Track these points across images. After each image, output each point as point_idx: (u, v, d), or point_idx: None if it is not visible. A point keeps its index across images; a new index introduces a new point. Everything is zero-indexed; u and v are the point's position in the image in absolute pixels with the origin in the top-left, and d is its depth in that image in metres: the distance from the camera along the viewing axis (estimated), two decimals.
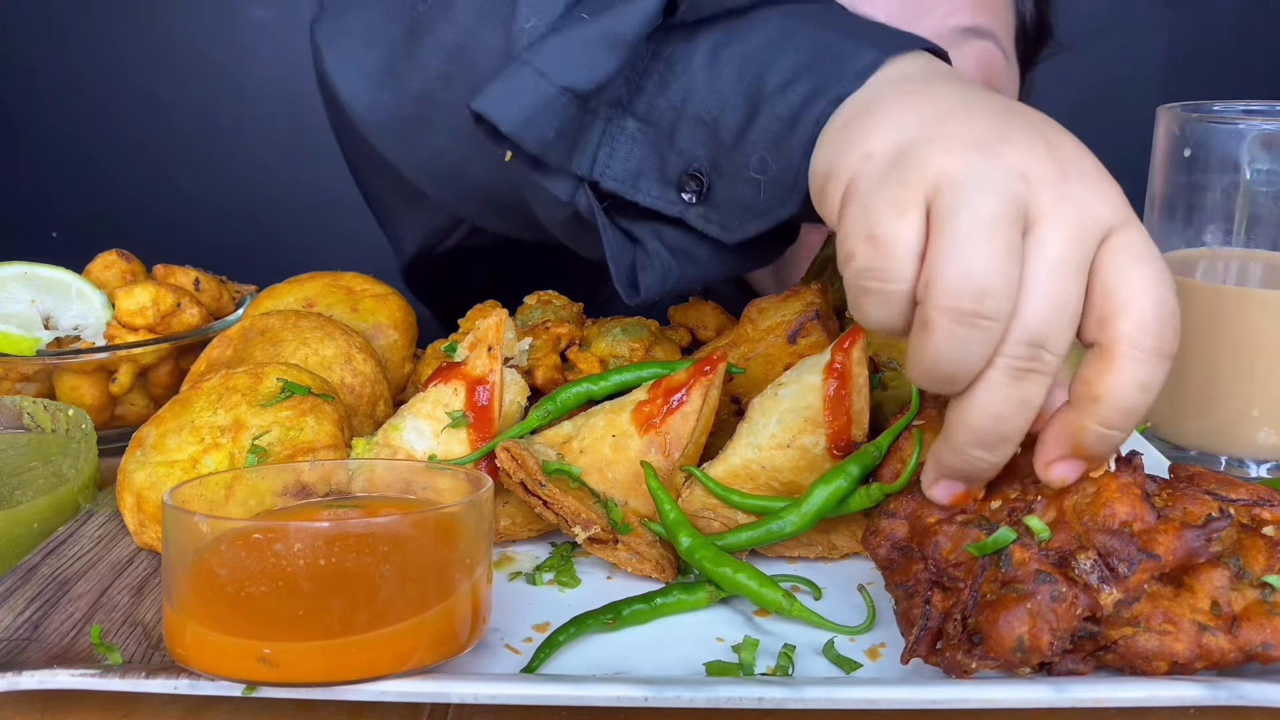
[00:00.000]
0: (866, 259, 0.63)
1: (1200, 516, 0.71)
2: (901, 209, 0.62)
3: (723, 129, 0.80)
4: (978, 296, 0.59)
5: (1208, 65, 2.36)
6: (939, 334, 0.60)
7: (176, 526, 0.65)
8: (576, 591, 0.81)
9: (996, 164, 0.61)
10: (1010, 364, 0.61)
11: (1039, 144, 0.63)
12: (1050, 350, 0.61)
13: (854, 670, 0.70)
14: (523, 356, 0.94)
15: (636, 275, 0.86)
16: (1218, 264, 1.05)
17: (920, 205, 0.62)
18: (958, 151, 0.62)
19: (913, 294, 0.62)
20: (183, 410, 0.87)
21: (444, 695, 0.64)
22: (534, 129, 0.80)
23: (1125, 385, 0.62)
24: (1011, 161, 0.62)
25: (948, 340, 0.60)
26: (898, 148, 0.64)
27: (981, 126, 0.64)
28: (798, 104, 0.75)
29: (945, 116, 0.65)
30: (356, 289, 1.09)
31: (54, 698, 0.69)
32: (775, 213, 0.79)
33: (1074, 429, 0.65)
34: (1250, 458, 1.03)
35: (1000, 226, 0.60)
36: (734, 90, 0.79)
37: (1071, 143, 0.65)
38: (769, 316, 0.93)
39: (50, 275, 1.12)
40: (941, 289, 0.60)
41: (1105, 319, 0.62)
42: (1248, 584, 0.67)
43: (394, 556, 0.64)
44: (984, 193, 0.60)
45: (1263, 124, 1.00)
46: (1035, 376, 0.62)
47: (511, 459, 0.81)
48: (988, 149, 0.62)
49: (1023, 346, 0.61)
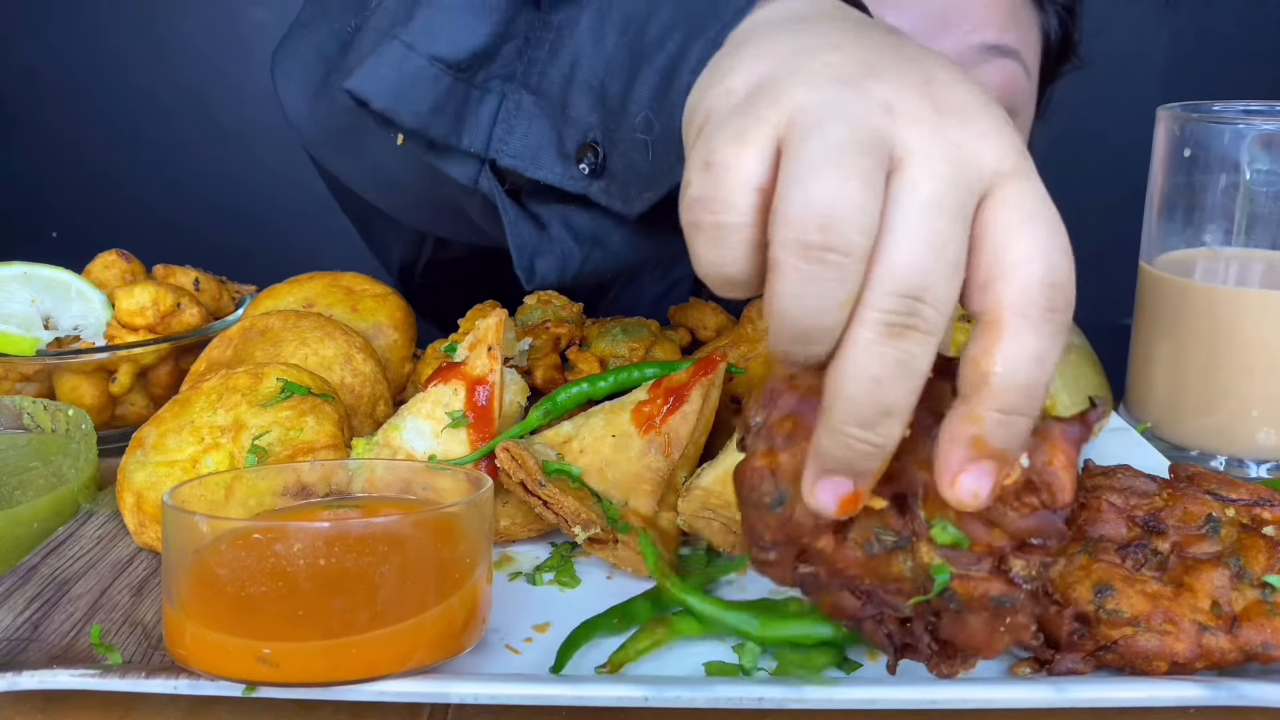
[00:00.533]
0: (698, 188, 0.55)
1: (1200, 516, 0.71)
2: (744, 138, 0.55)
3: (609, 92, 0.77)
4: (824, 226, 0.51)
5: (1208, 65, 2.35)
6: (785, 275, 0.52)
7: (176, 526, 0.65)
8: (576, 591, 0.81)
9: (857, 94, 0.55)
10: (880, 318, 0.52)
11: (915, 78, 0.56)
12: (929, 303, 0.52)
13: (854, 670, 0.70)
14: (523, 356, 0.94)
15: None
16: (1218, 264, 1.05)
17: (767, 138, 0.55)
18: (819, 85, 0.55)
19: (755, 235, 0.55)
20: (183, 410, 0.87)
21: (444, 695, 0.64)
22: (407, 103, 0.79)
23: (1018, 358, 0.53)
24: (876, 93, 0.55)
25: (795, 282, 0.52)
26: (758, 81, 0.58)
27: (853, 60, 0.57)
28: (675, 53, 0.72)
29: (815, 50, 0.58)
30: (356, 289, 1.09)
31: (54, 698, 0.69)
32: (667, 177, 0.74)
33: (969, 420, 0.54)
34: (1250, 458, 1.03)
35: (851, 153, 0.52)
36: (619, 50, 0.76)
37: (962, 83, 0.57)
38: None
39: (50, 275, 1.12)
40: (784, 221, 0.52)
41: (989, 284, 0.54)
42: (1248, 584, 0.67)
43: (394, 556, 0.64)
44: (836, 121, 0.53)
45: (1263, 124, 1.00)
46: (914, 335, 0.52)
47: (511, 459, 0.81)
48: (851, 81, 0.55)
49: (893, 298, 0.52)
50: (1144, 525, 0.71)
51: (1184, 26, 2.35)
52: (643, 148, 0.75)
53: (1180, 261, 1.07)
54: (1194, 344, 1.03)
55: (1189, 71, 2.37)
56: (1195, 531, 0.71)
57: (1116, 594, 0.66)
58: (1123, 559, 0.69)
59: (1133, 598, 0.66)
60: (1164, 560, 0.69)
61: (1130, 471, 0.76)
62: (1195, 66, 2.36)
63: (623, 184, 0.79)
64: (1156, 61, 2.36)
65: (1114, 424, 1.09)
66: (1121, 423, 1.10)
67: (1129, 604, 0.66)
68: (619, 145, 0.78)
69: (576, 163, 0.80)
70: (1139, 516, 0.72)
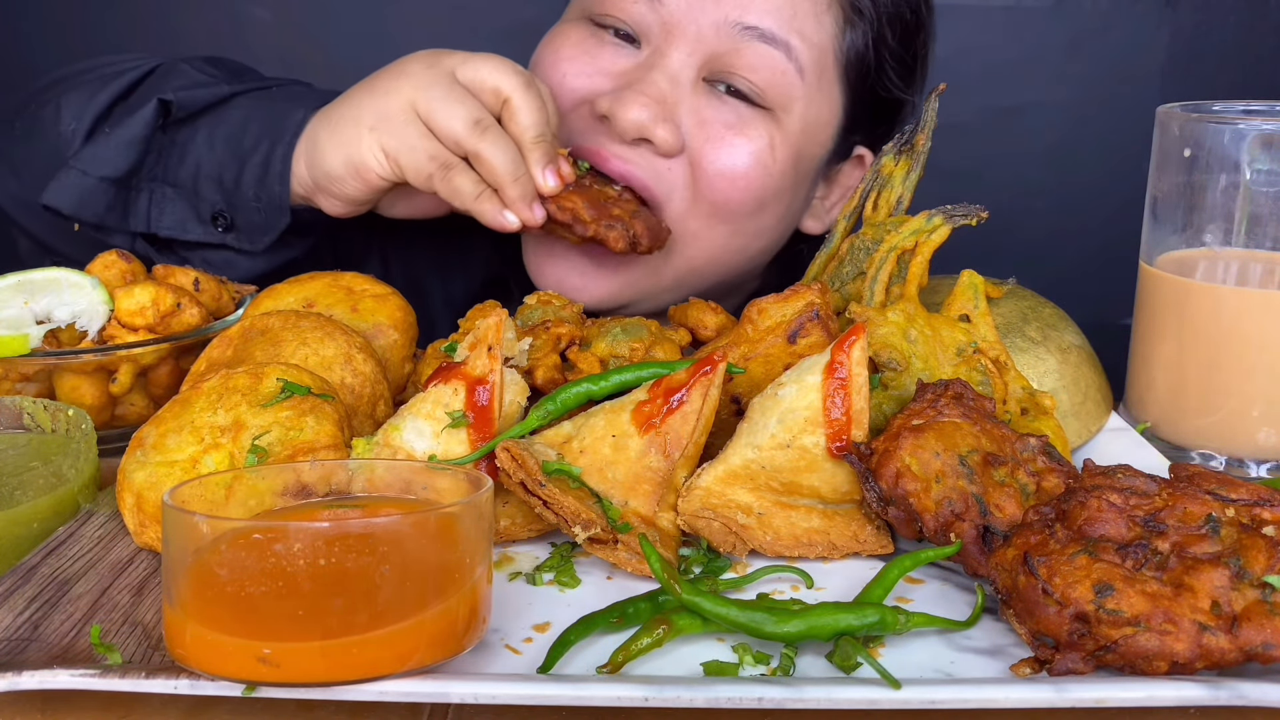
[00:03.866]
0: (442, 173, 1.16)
1: (1200, 516, 0.71)
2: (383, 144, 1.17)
3: (225, 180, 1.26)
4: (467, 123, 1.15)
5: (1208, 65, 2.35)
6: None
7: (176, 526, 0.65)
8: (576, 591, 0.81)
9: (407, 81, 1.16)
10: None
11: (435, 63, 1.18)
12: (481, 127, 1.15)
13: (854, 670, 0.70)
14: (523, 356, 0.94)
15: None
16: (1218, 264, 1.05)
17: (379, 144, 1.16)
18: (381, 96, 1.17)
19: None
20: (183, 410, 0.87)
21: (444, 695, 0.64)
22: (88, 209, 1.27)
23: (527, 122, 1.15)
24: (419, 77, 1.17)
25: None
26: (349, 134, 1.17)
27: (388, 75, 1.19)
28: (266, 153, 1.23)
29: (368, 90, 1.19)
30: (356, 289, 1.09)
31: (54, 698, 0.69)
32: (276, 226, 1.27)
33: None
34: (1250, 458, 1.03)
35: (439, 100, 1.14)
36: (225, 154, 1.26)
37: (465, 56, 1.18)
38: (769, 316, 0.93)
39: (43, 277, 1.12)
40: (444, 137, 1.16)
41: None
42: (1248, 584, 0.67)
43: (394, 556, 0.64)
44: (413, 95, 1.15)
45: (1263, 124, 1.00)
46: (490, 135, 1.14)
47: (511, 459, 0.81)
48: (397, 80, 1.17)
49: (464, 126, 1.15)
50: (1144, 525, 0.71)
51: (1184, 26, 2.35)
52: (257, 211, 1.26)
53: (1180, 261, 1.07)
54: (1194, 344, 1.03)
55: (1189, 71, 2.37)
56: (1195, 531, 0.71)
57: (1116, 594, 0.66)
58: (1123, 559, 0.69)
59: (1133, 598, 0.66)
60: (1164, 560, 0.69)
61: (1130, 471, 0.76)
62: (1195, 66, 2.36)
63: (248, 234, 1.29)
64: (1156, 61, 2.36)
65: (1114, 424, 1.09)
66: (1121, 423, 1.10)
67: (1129, 604, 0.66)
68: (240, 210, 1.27)
69: (214, 225, 1.29)
70: (1139, 516, 0.72)
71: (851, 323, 0.94)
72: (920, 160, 1.10)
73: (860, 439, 0.83)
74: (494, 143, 1.12)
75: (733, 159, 1.26)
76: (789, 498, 0.85)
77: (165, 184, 1.28)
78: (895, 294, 1.01)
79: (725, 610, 0.72)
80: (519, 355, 0.94)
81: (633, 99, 1.22)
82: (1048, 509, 0.75)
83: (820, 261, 1.13)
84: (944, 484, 0.79)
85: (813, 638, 0.71)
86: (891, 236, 1.04)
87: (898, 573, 0.77)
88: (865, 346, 0.84)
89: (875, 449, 0.81)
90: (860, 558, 0.86)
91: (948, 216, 1.02)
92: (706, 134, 1.25)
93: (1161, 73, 2.37)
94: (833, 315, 0.95)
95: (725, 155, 1.26)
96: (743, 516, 0.84)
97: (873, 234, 1.08)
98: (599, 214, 1.17)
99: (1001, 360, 0.96)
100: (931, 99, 1.10)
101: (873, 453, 0.81)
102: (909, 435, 0.80)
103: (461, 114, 1.12)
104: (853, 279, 1.07)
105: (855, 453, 0.82)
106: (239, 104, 1.29)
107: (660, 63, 1.25)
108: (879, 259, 1.03)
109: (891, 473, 0.79)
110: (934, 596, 0.80)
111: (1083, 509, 0.72)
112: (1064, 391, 1.03)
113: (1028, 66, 2.35)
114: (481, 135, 1.12)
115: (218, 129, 1.27)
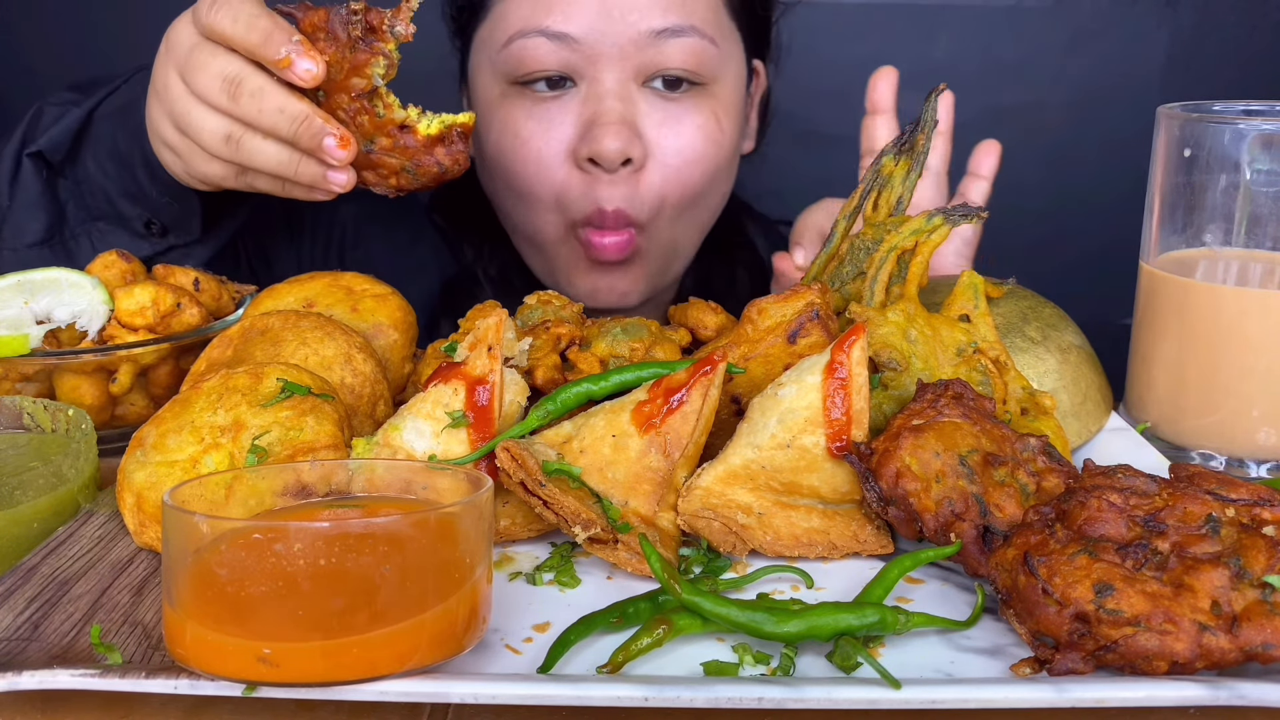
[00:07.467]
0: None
1: (1200, 516, 0.71)
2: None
3: (132, 191, 1.29)
4: (228, 80, 1.04)
5: (1208, 65, 2.35)
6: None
7: (176, 526, 0.65)
8: (576, 591, 0.81)
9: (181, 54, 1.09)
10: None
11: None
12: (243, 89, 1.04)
13: (854, 670, 0.70)
14: (523, 356, 0.94)
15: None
16: (1218, 264, 1.05)
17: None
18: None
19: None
20: (183, 410, 0.87)
21: (444, 695, 0.64)
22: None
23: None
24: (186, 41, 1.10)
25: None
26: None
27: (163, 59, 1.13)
28: (141, 152, 1.22)
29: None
30: (356, 289, 1.09)
31: (54, 698, 0.69)
32: (193, 208, 1.30)
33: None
34: (1250, 458, 1.03)
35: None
36: (117, 170, 1.29)
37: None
38: (769, 316, 0.93)
39: (42, 277, 1.12)
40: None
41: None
42: (1248, 584, 0.67)
43: (394, 556, 0.64)
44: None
45: (1263, 124, 1.00)
46: (242, 97, 1.04)
47: (511, 459, 0.81)
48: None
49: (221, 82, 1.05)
50: (1144, 525, 0.71)
51: (1184, 26, 2.35)
52: (169, 206, 1.29)
53: (1180, 261, 1.07)
54: (1194, 344, 1.03)
55: (1189, 71, 2.37)
56: (1195, 531, 0.71)
57: (1116, 594, 0.66)
58: (1123, 559, 0.69)
59: (1133, 598, 0.66)
60: (1164, 560, 0.69)
61: (1130, 471, 0.76)
62: (1195, 66, 2.36)
63: (179, 229, 1.34)
64: (1156, 61, 2.36)
65: (1114, 424, 1.09)
66: (1121, 423, 1.10)
67: (1129, 604, 0.66)
68: (160, 211, 1.31)
69: (150, 233, 1.33)
70: (1139, 516, 0.72)
71: (851, 323, 0.94)
72: (920, 160, 1.10)
73: (860, 439, 0.83)
74: (255, 103, 1.02)
75: (692, 144, 1.41)
76: (789, 498, 0.85)
77: (96, 221, 1.33)
78: (895, 294, 1.01)
79: (725, 610, 0.72)
80: (519, 355, 0.94)
81: (603, 133, 1.35)
82: (1048, 509, 0.75)
83: (820, 261, 1.13)
84: (944, 484, 0.79)
85: (813, 638, 0.71)
86: (891, 236, 1.04)
87: (898, 573, 0.77)
88: (865, 346, 0.84)
89: (875, 449, 0.81)
90: (860, 558, 0.86)
91: (948, 216, 1.02)
92: (660, 133, 1.40)
93: (1161, 73, 2.37)
94: (833, 315, 0.95)
95: (686, 143, 1.41)
96: (743, 516, 0.84)
97: (873, 234, 1.08)
98: (378, 179, 1.09)
99: (1001, 360, 0.96)
100: (931, 99, 1.10)
101: (873, 453, 0.81)
102: (909, 435, 0.80)
103: (216, 70, 1.03)
104: (853, 279, 1.07)
105: (855, 453, 0.82)
106: (101, 118, 1.31)
107: (601, 89, 1.37)
108: (879, 259, 1.03)
109: (891, 473, 0.79)
110: (934, 596, 0.80)
111: (1083, 509, 0.72)
112: (1064, 391, 1.03)
113: (1028, 66, 2.35)
114: (235, 100, 1.03)
115: (99, 150, 1.30)
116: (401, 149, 1.06)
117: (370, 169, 1.08)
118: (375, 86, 1.04)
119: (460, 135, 1.07)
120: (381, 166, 1.07)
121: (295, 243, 1.66)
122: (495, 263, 1.65)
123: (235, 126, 1.05)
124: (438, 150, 1.07)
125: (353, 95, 1.04)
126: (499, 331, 0.88)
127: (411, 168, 1.07)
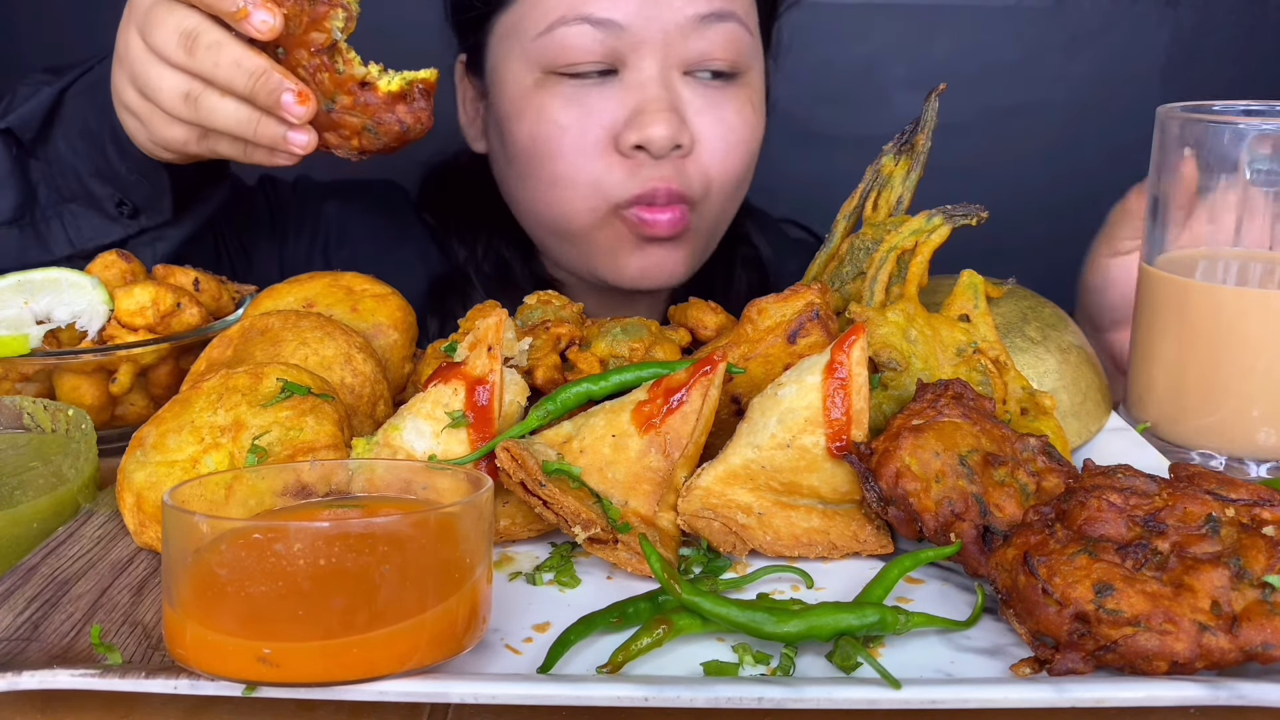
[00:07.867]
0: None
1: (1200, 516, 0.71)
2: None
3: (103, 171, 1.29)
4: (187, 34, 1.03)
5: (1208, 65, 2.35)
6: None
7: (176, 526, 0.65)
8: (576, 591, 0.81)
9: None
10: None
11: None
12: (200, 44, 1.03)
13: (854, 670, 0.70)
14: (523, 356, 0.94)
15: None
16: (1218, 264, 1.05)
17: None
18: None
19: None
20: (183, 410, 0.87)
21: (444, 695, 0.64)
22: (4, 258, 1.30)
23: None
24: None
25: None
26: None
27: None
28: (111, 128, 1.21)
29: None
30: (356, 289, 1.09)
31: (54, 698, 0.69)
32: (162, 186, 1.30)
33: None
34: (1250, 458, 1.03)
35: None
36: (87, 148, 1.29)
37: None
38: (769, 316, 0.93)
39: (42, 277, 1.12)
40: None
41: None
42: (1248, 584, 0.67)
43: (394, 556, 0.64)
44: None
45: (1263, 124, 1.00)
46: (198, 51, 1.02)
47: (511, 459, 0.81)
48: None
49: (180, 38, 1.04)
50: (1144, 525, 0.71)
51: (1184, 26, 2.35)
52: (140, 184, 1.30)
53: (1180, 261, 1.07)
54: (1194, 344, 1.03)
55: (1189, 71, 2.37)
56: (1195, 531, 0.71)
57: (1116, 594, 0.66)
58: (1123, 559, 0.69)
59: (1133, 598, 0.66)
60: (1164, 560, 0.69)
61: (1130, 471, 0.76)
62: (1195, 66, 2.36)
63: (150, 209, 1.33)
64: (1156, 61, 2.36)
65: (1114, 424, 1.09)
66: (1121, 423, 1.10)
67: (1129, 604, 0.66)
68: (131, 190, 1.31)
69: (121, 215, 1.32)
70: (1139, 516, 0.72)
71: (851, 323, 0.94)
72: (920, 160, 1.10)
73: (860, 439, 0.83)
74: (212, 56, 1.01)
75: (734, 130, 1.42)
76: (789, 498, 0.85)
77: (68, 203, 1.32)
78: (895, 294, 1.01)
79: (725, 610, 0.72)
80: (519, 355, 0.94)
81: (652, 120, 1.34)
82: (1048, 509, 0.75)
83: (820, 261, 1.13)
84: (944, 484, 0.79)
85: (813, 638, 0.71)
86: (891, 236, 1.04)
87: (898, 573, 0.77)
88: (865, 346, 0.84)
89: (875, 449, 0.81)
90: (860, 558, 0.86)
91: (948, 216, 1.02)
92: (704, 120, 1.40)
93: (1161, 73, 2.37)
94: (833, 315, 0.95)
95: (729, 129, 1.42)
96: (743, 516, 0.84)
97: (873, 234, 1.08)
98: (340, 140, 1.07)
99: (1001, 360, 0.96)
100: (931, 98, 1.10)
101: (873, 453, 0.81)
102: (909, 435, 0.80)
103: (173, 25, 1.03)
104: (853, 279, 1.07)
105: (855, 453, 0.82)
106: (72, 97, 1.31)
107: (646, 77, 1.36)
108: (879, 259, 1.03)
109: (891, 473, 0.79)
110: (934, 596, 0.80)
111: (1083, 509, 0.72)
112: (1064, 391, 1.03)
113: (1028, 66, 2.35)
114: (191, 54, 1.02)
115: (69, 129, 1.30)
116: (362, 106, 1.04)
117: (332, 129, 1.05)
118: (335, 41, 1.02)
119: (422, 92, 1.05)
120: (343, 127, 1.05)
121: (279, 239, 1.65)
122: (490, 260, 1.64)
123: (194, 83, 1.04)
124: (399, 108, 1.04)
125: (312, 50, 1.02)
126: (499, 331, 0.88)
127: (373, 126, 1.04)
